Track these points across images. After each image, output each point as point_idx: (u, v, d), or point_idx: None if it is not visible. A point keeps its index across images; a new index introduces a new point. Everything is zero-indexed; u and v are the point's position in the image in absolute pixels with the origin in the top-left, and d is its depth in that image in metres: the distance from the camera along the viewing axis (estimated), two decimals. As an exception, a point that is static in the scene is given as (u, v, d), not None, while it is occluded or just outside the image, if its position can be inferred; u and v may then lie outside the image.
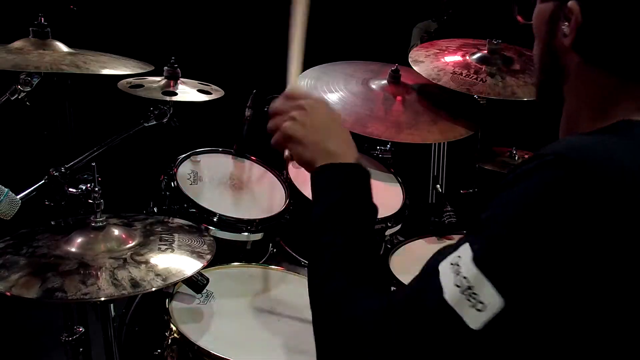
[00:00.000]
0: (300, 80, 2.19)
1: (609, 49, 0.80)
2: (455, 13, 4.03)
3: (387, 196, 2.14)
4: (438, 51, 2.24)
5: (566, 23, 0.82)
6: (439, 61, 2.16)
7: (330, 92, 2.13)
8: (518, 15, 0.97)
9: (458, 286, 0.69)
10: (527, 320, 0.67)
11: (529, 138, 2.35)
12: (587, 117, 0.85)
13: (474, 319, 0.68)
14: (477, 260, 0.69)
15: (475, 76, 2.06)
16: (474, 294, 0.68)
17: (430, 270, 0.75)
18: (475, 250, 0.70)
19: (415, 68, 2.14)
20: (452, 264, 0.72)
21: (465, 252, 0.71)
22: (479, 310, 0.67)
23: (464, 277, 0.69)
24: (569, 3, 0.80)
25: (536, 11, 0.91)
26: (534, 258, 0.66)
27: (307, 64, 2.27)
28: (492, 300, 0.67)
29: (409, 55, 2.23)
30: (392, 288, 0.94)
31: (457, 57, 2.20)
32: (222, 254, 1.68)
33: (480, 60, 2.15)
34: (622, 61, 0.80)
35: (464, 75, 2.08)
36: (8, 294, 1.23)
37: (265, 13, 3.95)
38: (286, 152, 1.04)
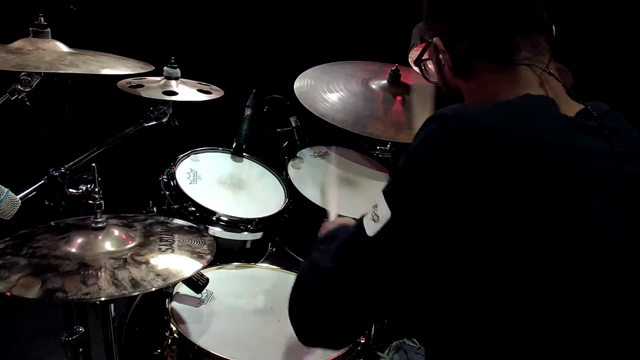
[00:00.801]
0: (301, 80, 2.19)
1: (471, 51, 0.99)
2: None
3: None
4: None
5: (440, 56, 1.02)
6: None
7: (330, 92, 2.13)
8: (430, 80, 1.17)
9: (372, 206, 0.92)
10: (407, 232, 0.87)
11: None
12: None
13: (371, 228, 0.90)
14: (384, 188, 0.91)
15: None
16: (375, 209, 0.90)
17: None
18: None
19: (416, 69, 2.14)
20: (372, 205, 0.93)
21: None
22: (374, 221, 0.90)
23: (374, 204, 0.91)
24: (433, 41, 1.02)
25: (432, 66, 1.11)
26: (412, 184, 0.87)
27: (307, 64, 2.28)
28: (384, 213, 0.88)
29: (409, 56, 2.23)
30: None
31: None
32: (222, 254, 1.68)
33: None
34: (483, 53, 0.98)
35: None
36: (8, 294, 1.23)
37: (265, 13, 3.94)
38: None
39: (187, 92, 1.95)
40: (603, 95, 1.07)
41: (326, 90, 2.13)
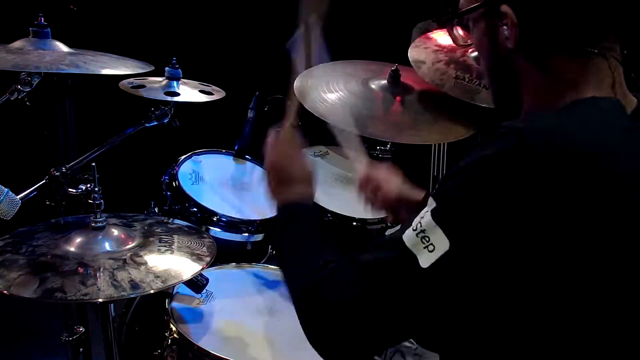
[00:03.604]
0: (301, 80, 2.19)
1: (552, 34, 0.84)
2: (454, 12, 4.02)
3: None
4: (437, 48, 2.23)
5: (504, 27, 0.86)
6: (438, 54, 2.14)
7: (330, 92, 2.12)
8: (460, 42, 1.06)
9: (414, 230, 0.80)
10: (468, 263, 0.76)
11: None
12: (550, 105, 0.87)
13: (425, 259, 0.78)
14: (434, 211, 0.79)
15: (477, 81, 2.05)
16: (427, 237, 0.78)
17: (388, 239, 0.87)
18: (433, 203, 0.80)
19: (418, 72, 2.13)
20: (414, 228, 0.81)
21: (425, 211, 0.81)
22: (429, 251, 0.78)
23: (420, 225, 0.80)
24: (501, 7, 0.85)
25: (474, 31, 0.95)
26: (476, 210, 0.76)
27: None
28: (441, 243, 0.77)
29: (409, 54, 2.22)
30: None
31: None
32: (223, 255, 1.68)
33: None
34: (568, 41, 0.84)
35: (466, 80, 2.06)
36: (5, 292, 1.23)
37: (267, 14, 3.94)
38: None
39: (188, 92, 1.95)
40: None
41: (326, 90, 2.13)
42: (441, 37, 2.28)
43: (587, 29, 0.83)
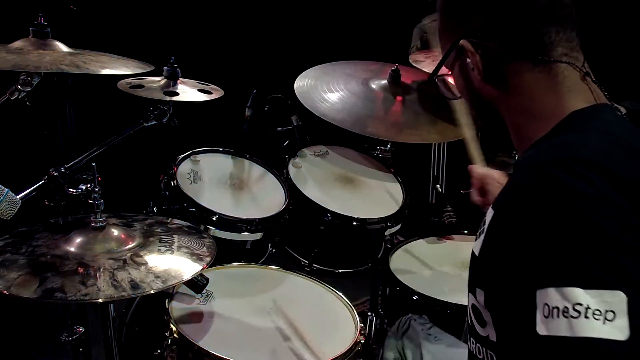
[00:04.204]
0: (301, 79, 2.19)
1: (503, 51, 0.90)
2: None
3: (387, 196, 2.14)
4: (438, 54, 2.23)
5: (468, 60, 0.93)
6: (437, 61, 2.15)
7: (330, 92, 2.13)
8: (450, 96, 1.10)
9: (579, 312, 0.68)
10: None
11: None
12: (532, 122, 0.91)
13: (618, 331, 0.67)
14: (588, 282, 0.69)
15: None
16: (598, 311, 0.68)
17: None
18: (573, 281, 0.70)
19: (417, 66, 2.14)
20: (546, 316, 0.70)
21: (561, 298, 0.70)
22: (609, 320, 0.67)
23: (584, 307, 0.68)
24: (461, 43, 0.92)
25: (454, 79, 1.02)
26: (616, 241, 0.71)
27: (307, 64, 2.28)
28: (613, 300, 0.68)
29: (409, 58, 2.23)
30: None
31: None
32: (222, 254, 1.68)
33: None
34: (517, 52, 0.89)
35: None
36: (5, 292, 1.23)
37: (265, 13, 3.94)
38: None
39: (187, 92, 1.95)
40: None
41: (326, 90, 2.13)
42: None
43: (531, 37, 0.88)
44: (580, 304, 0.68)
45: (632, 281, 0.69)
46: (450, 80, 1.07)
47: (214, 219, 1.85)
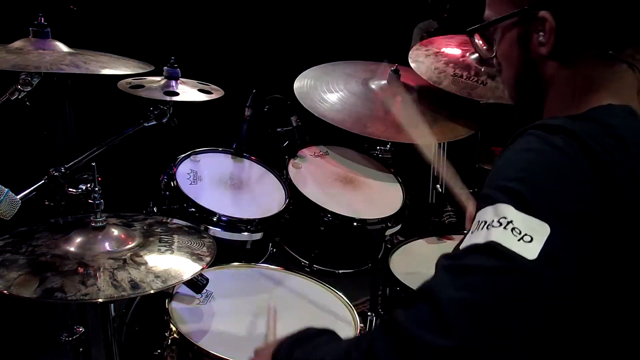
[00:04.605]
0: (301, 80, 2.19)
1: (588, 40, 0.86)
2: (453, 10, 4.03)
3: (387, 196, 2.14)
4: (437, 50, 2.24)
5: (541, 33, 0.88)
6: (438, 56, 2.15)
7: (330, 92, 2.13)
8: (483, 54, 1.03)
9: (500, 223, 0.72)
10: (572, 247, 0.71)
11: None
12: (564, 111, 0.89)
13: (528, 249, 0.69)
14: (522, 205, 0.72)
15: (475, 78, 2.06)
16: (517, 229, 0.71)
17: (443, 257, 0.76)
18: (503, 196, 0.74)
19: (415, 70, 2.14)
20: (473, 231, 0.75)
21: (493, 212, 0.74)
22: (525, 241, 0.70)
23: (507, 220, 0.71)
24: (540, 13, 0.86)
25: (502, 40, 0.96)
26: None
27: (307, 64, 2.28)
28: (540, 229, 0.70)
29: (409, 56, 2.23)
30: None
31: (456, 51, 2.19)
32: (222, 254, 1.68)
33: (480, 60, 2.15)
34: (602, 46, 0.86)
35: (464, 77, 2.07)
36: (5, 292, 1.23)
37: (265, 13, 3.94)
38: None
39: (187, 92, 1.95)
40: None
41: (326, 91, 2.13)
42: (442, 43, 2.29)
43: (615, 33, 0.85)
44: (506, 218, 0.72)
45: (563, 231, 0.71)
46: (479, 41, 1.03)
47: (214, 219, 1.85)
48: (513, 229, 0.71)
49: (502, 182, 0.76)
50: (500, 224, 0.72)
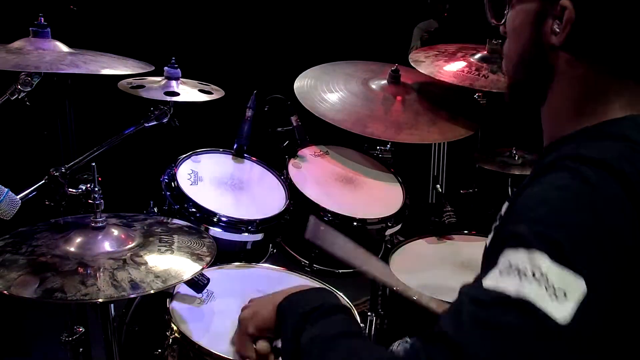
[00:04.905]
0: (301, 80, 2.19)
1: (604, 44, 0.81)
2: (453, 9, 4.04)
3: (387, 196, 2.14)
4: (438, 53, 2.24)
5: (557, 21, 0.82)
6: (440, 67, 2.15)
7: (330, 92, 2.13)
8: (492, 18, 0.98)
9: (534, 275, 0.67)
10: (609, 304, 0.68)
11: (529, 138, 2.35)
12: (572, 114, 0.86)
13: (559, 309, 0.65)
14: (558, 257, 0.67)
15: (477, 73, 2.06)
16: (552, 285, 0.66)
17: (467, 297, 0.71)
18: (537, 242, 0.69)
19: (416, 67, 2.14)
20: (502, 271, 0.70)
21: (527, 259, 0.69)
22: (558, 297, 0.65)
23: (541, 273, 0.67)
24: (562, 1, 0.81)
25: (516, 12, 0.91)
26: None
27: (307, 64, 2.29)
28: (575, 284, 0.66)
29: (409, 57, 2.23)
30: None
31: (459, 64, 2.17)
32: (223, 254, 1.68)
33: (481, 59, 2.15)
34: (617, 57, 0.81)
35: (465, 72, 2.07)
36: (5, 292, 1.23)
37: (265, 13, 3.94)
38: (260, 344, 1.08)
39: (188, 92, 1.95)
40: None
41: (326, 90, 2.13)
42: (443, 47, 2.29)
43: (632, 47, 0.81)
44: (540, 270, 0.67)
45: (599, 283, 0.67)
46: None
47: (215, 219, 1.85)
48: (547, 285, 0.66)
49: (538, 226, 0.71)
50: (534, 277, 0.67)
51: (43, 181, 1.45)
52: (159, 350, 1.53)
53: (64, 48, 1.62)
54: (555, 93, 0.89)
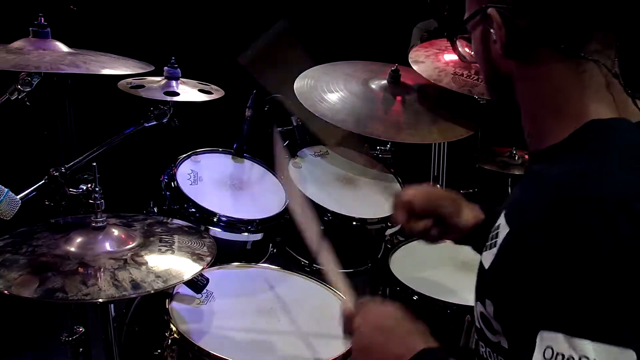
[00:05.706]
0: (301, 80, 2.19)
1: (538, 36, 0.82)
2: (453, 9, 4.04)
3: (387, 196, 2.14)
4: (438, 51, 2.24)
5: (492, 30, 0.85)
6: (439, 61, 2.16)
7: (330, 92, 2.13)
8: (468, 57, 1.02)
9: None
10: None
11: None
12: (549, 117, 0.86)
13: None
14: (601, 336, 0.66)
15: (476, 77, 2.06)
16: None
17: None
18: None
19: (415, 69, 2.14)
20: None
21: (568, 346, 0.67)
22: None
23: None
24: (488, 11, 0.83)
25: (472, 44, 0.94)
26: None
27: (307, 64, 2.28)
28: (626, 357, 0.66)
29: (409, 56, 2.23)
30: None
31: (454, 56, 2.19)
32: (222, 254, 1.68)
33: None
34: (555, 44, 0.81)
35: (464, 76, 2.07)
36: (6, 292, 1.23)
37: (265, 13, 3.94)
38: None
39: (187, 92, 1.95)
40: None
41: (326, 90, 2.13)
42: (441, 45, 2.29)
43: (569, 29, 0.80)
44: (587, 358, 0.66)
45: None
46: (466, 49, 1.01)
47: (214, 219, 1.85)
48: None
49: (570, 297, 0.69)
50: None
51: (43, 181, 1.45)
52: (159, 351, 1.53)
53: (64, 48, 1.62)
54: (525, 100, 0.89)
